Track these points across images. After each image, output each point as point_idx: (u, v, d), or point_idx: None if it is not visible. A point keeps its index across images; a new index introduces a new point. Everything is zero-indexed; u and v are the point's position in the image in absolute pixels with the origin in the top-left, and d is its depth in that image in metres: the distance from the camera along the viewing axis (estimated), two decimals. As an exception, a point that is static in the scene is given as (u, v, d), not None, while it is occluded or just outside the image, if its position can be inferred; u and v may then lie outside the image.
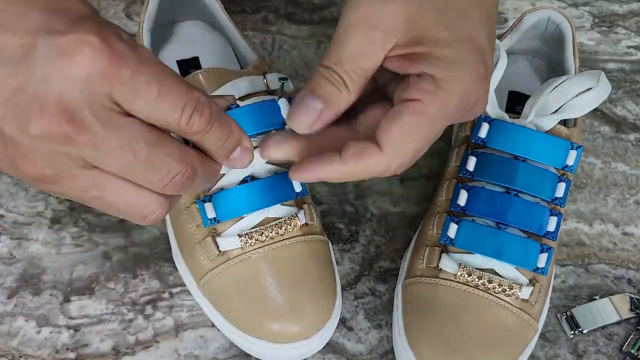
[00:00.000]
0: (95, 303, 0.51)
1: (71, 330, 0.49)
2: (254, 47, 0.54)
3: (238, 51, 0.55)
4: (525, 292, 0.46)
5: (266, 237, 0.46)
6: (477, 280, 0.46)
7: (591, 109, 0.47)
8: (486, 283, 0.46)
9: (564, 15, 0.55)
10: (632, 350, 0.50)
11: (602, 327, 0.51)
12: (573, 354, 0.50)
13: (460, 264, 0.47)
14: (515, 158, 0.48)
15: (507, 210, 0.47)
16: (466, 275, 0.46)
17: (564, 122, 0.51)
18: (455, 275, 0.46)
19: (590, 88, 0.47)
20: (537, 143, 0.47)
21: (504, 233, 0.46)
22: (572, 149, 0.48)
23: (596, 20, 0.72)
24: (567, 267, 0.55)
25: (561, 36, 0.55)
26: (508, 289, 0.46)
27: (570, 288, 0.54)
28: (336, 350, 0.50)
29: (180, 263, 0.51)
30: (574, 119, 0.52)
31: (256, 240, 0.46)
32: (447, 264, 0.47)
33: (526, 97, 0.52)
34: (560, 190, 0.48)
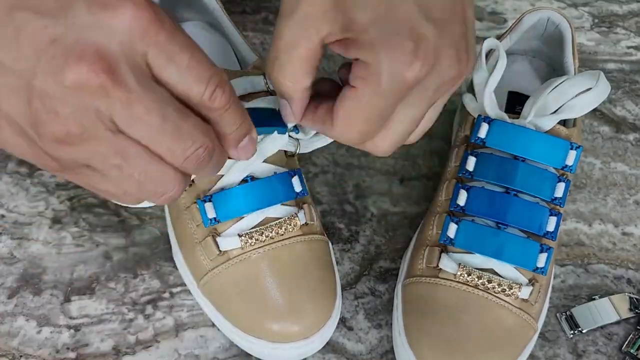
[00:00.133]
0: (96, 303, 0.51)
1: (72, 330, 0.49)
2: (254, 48, 0.54)
3: (238, 51, 0.55)
4: (525, 292, 0.46)
5: (266, 237, 0.46)
6: (477, 280, 0.46)
7: (591, 109, 0.47)
8: (486, 283, 0.46)
9: (563, 15, 0.55)
10: (632, 350, 0.50)
11: (602, 327, 0.51)
12: (573, 353, 0.50)
13: (460, 263, 0.47)
14: (515, 158, 0.48)
15: (507, 210, 0.47)
16: (466, 275, 0.46)
17: (563, 122, 0.51)
18: (455, 275, 0.47)
19: (590, 88, 0.47)
20: (537, 143, 0.47)
21: (504, 233, 0.47)
22: (572, 149, 0.48)
23: (596, 20, 0.72)
24: (567, 267, 0.55)
25: (561, 36, 0.55)
26: (508, 289, 0.46)
27: (569, 288, 0.54)
28: (336, 350, 0.50)
29: (180, 263, 0.51)
30: (574, 119, 0.52)
31: (256, 240, 0.46)
32: (447, 264, 0.47)
33: (526, 98, 0.52)
34: (560, 190, 0.48)
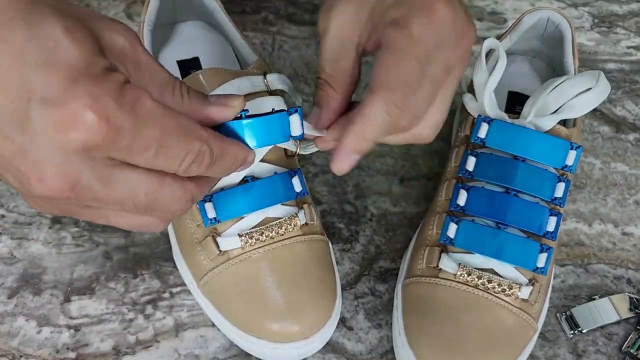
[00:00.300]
0: (96, 303, 0.51)
1: (72, 330, 0.49)
2: (254, 48, 0.54)
3: (238, 51, 0.55)
4: (525, 292, 0.46)
5: (266, 237, 0.46)
6: (477, 280, 0.46)
7: (591, 109, 0.47)
8: (486, 283, 0.46)
9: (563, 15, 0.55)
10: (632, 350, 0.50)
11: (602, 327, 0.51)
12: (572, 353, 0.50)
13: (460, 263, 0.47)
14: (515, 158, 0.48)
15: (507, 210, 0.47)
16: (466, 275, 0.46)
17: (563, 122, 0.51)
18: (455, 275, 0.47)
19: (590, 88, 0.47)
20: (537, 143, 0.47)
21: (504, 233, 0.47)
22: (572, 149, 0.48)
23: (596, 20, 0.72)
24: (567, 267, 0.55)
25: (561, 36, 0.55)
26: (508, 289, 0.46)
27: (569, 288, 0.54)
28: (336, 350, 0.50)
29: (180, 263, 0.51)
30: (574, 119, 0.52)
31: (256, 240, 0.46)
32: (447, 264, 0.47)
33: (526, 98, 0.52)
34: (560, 190, 0.48)
